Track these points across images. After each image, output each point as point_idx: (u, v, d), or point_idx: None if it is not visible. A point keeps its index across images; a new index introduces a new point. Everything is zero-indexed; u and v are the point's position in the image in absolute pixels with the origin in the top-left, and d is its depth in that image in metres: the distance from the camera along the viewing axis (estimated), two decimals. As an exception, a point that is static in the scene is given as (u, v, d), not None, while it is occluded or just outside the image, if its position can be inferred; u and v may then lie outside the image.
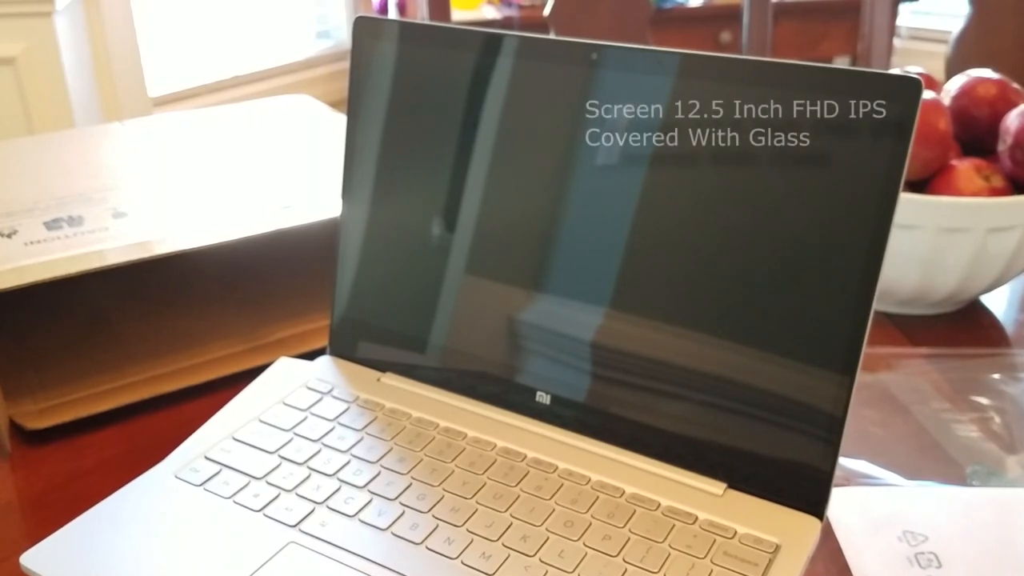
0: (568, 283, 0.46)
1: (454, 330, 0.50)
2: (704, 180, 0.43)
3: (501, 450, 0.46)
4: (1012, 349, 0.68)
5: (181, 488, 0.44)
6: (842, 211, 0.40)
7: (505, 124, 0.47)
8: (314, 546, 0.40)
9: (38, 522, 0.51)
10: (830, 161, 0.40)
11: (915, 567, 0.47)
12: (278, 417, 0.48)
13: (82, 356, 0.63)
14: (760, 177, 0.42)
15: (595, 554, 0.39)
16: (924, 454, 0.56)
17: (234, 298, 0.70)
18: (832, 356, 0.41)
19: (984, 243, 0.63)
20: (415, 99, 0.50)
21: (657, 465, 0.44)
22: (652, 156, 0.44)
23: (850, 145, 0.40)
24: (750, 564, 0.39)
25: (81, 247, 0.57)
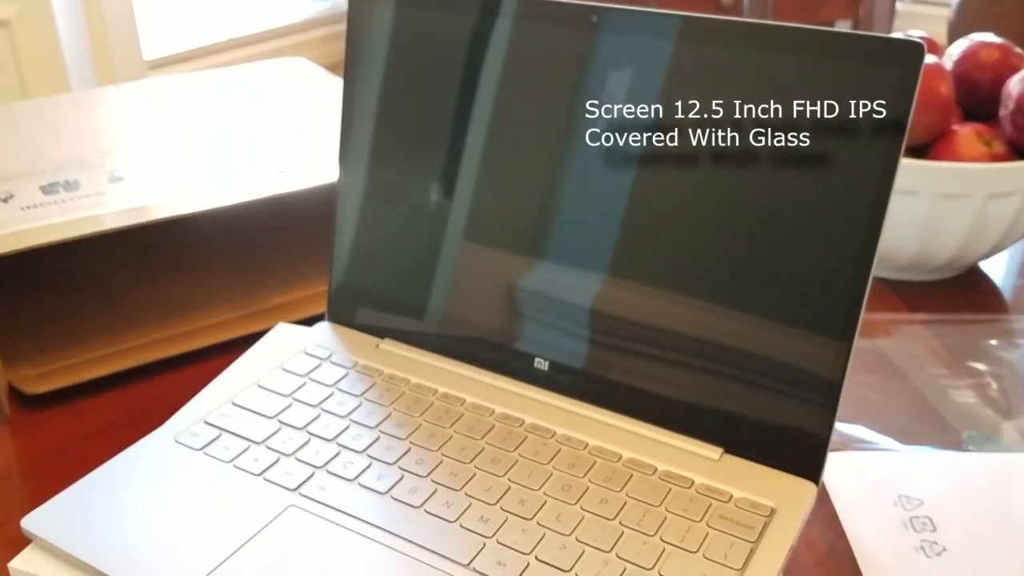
0: (567, 250, 0.46)
1: (453, 296, 0.50)
2: (704, 146, 0.43)
3: (499, 416, 0.46)
4: (1010, 315, 0.68)
5: (181, 452, 0.44)
6: (842, 176, 0.40)
7: (504, 87, 0.47)
8: (314, 509, 0.40)
9: (38, 486, 0.51)
10: (831, 128, 0.40)
11: (910, 531, 0.47)
12: (277, 382, 0.49)
13: (80, 321, 0.63)
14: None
15: (592, 517, 0.40)
16: (920, 419, 0.56)
17: (232, 264, 0.70)
18: (830, 322, 0.41)
19: (984, 209, 0.63)
20: (413, 62, 0.50)
21: (654, 430, 0.44)
22: (653, 121, 0.43)
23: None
24: (745, 527, 0.39)
25: (78, 212, 0.57)
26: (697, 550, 0.38)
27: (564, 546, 0.38)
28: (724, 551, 0.38)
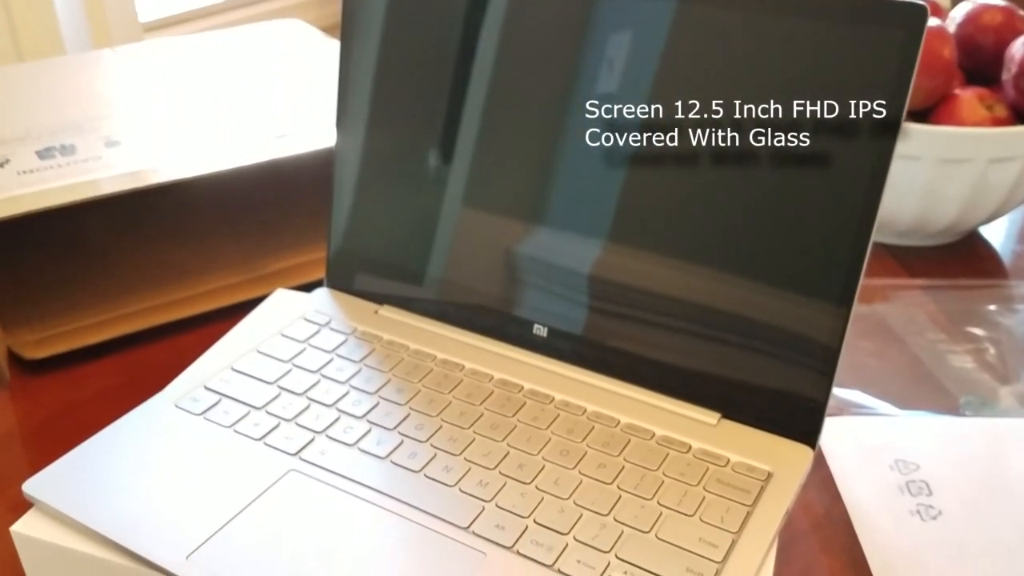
0: (566, 215, 0.46)
1: (452, 262, 0.50)
2: (705, 111, 0.42)
3: (498, 381, 0.46)
4: (1009, 280, 0.68)
5: (181, 417, 0.44)
6: (843, 141, 0.40)
7: (503, 50, 0.46)
8: (314, 474, 0.40)
9: (39, 451, 0.52)
10: (833, 92, 0.40)
11: (906, 495, 0.47)
12: (276, 348, 0.49)
13: (78, 287, 0.63)
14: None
15: (590, 482, 0.40)
16: (918, 385, 0.56)
17: (230, 229, 0.69)
18: (829, 287, 0.41)
19: (985, 174, 0.63)
20: (411, 24, 0.49)
21: (652, 396, 0.45)
22: (654, 83, 0.43)
23: (853, 72, 0.39)
24: (742, 491, 0.40)
25: (74, 177, 0.56)
26: (694, 513, 0.38)
27: (562, 510, 0.39)
28: (721, 514, 0.38)
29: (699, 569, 0.36)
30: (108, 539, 0.37)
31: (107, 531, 0.37)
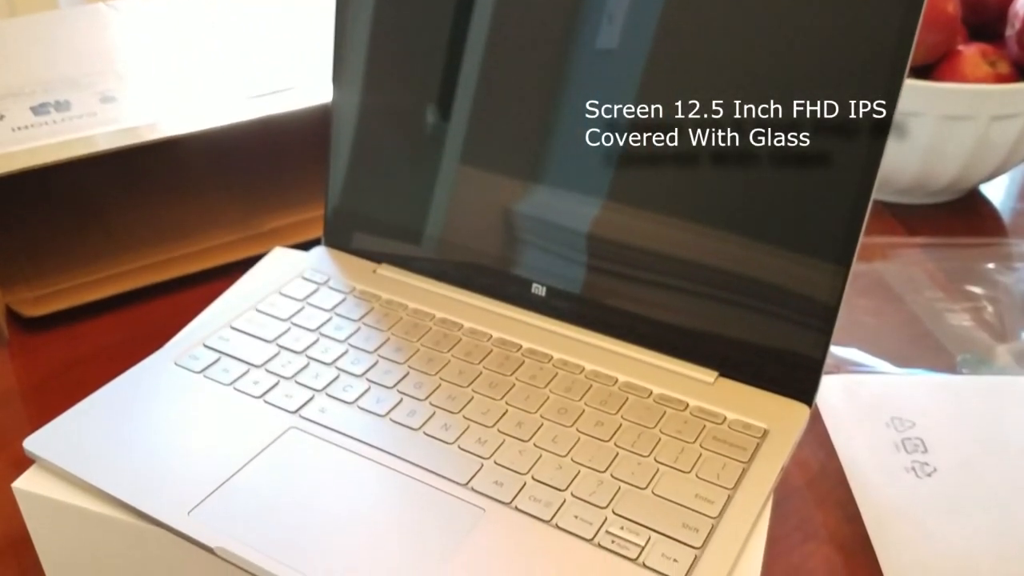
0: (565, 173, 0.46)
1: (450, 221, 0.49)
2: (704, 60, 0.42)
3: (497, 341, 0.46)
4: (1008, 239, 0.68)
5: (181, 375, 0.44)
6: (845, 94, 0.39)
7: (503, 3, 0.46)
8: (314, 431, 0.41)
9: (39, 408, 0.52)
10: (834, 45, 0.39)
11: (901, 452, 0.48)
12: (275, 307, 0.49)
13: (76, 245, 0.63)
14: (761, 53, 0.41)
15: (587, 439, 0.40)
16: (915, 343, 0.57)
17: (227, 187, 0.69)
18: (829, 245, 0.40)
19: (987, 131, 0.62)
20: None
21: (650, 355, 0.45)
22: (654, 37, 0.42)
23: (857, 26, 0.39)
24: (738, 448, 0.40)
25: (69, 133, 0.56)
26: (690, 470, 0.39)
27: (560, 466, 0.39)
28: (717, 471, 0.39)
29: (695, 524, 0.36)
30: (109, 495, 0.37)
31: (108, 487, 0.38)
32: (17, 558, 0.43)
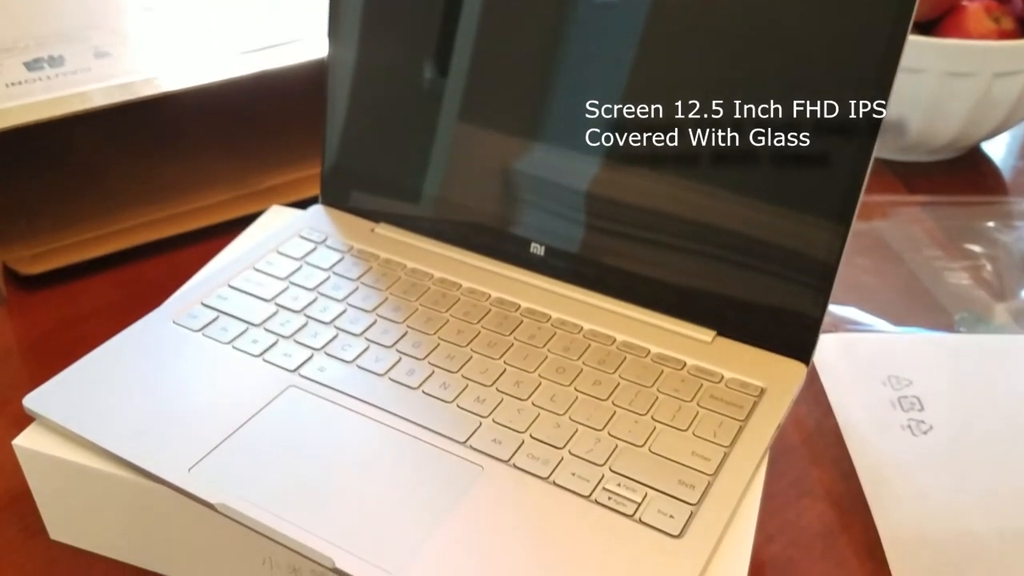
0: (564, 131, 0.45)
1: (448, 180, 0.49)
2: (705, 18, 0.41)
3: (495, 300, 0.46)
4: (1009, 197, 0.68)
5: (180, 333, 0.44)
6: (847, 41, 0.39)
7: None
8: (314, 390, 0.41)
9: (38, 366, 0.52)
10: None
11: (897, 410, 0.48)
12: (273, 266, 0.48)
13: (73, 203, 0.62)
14: (762, 11, 0.40)
15: (585, 398, 0.40)
16: (914, 301, 0.57)
17: (223, 144, 0.69)
18: (829, 204, 0.40)
19: (989, 88, 0.62)
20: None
21: (649, 314, 0.45)
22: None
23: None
24: (735, 406, 0.40)
25: (64, 89, 0.55)
26: (687, 428, 0.39)
27: (558, 425, 0.39)
28: (713, 429, 0.39)
29: (691, 481, 0.37)
30: (109, 452, 0.38)
31: (109, 444, 0.38)
32: (18, 514, 0.43)
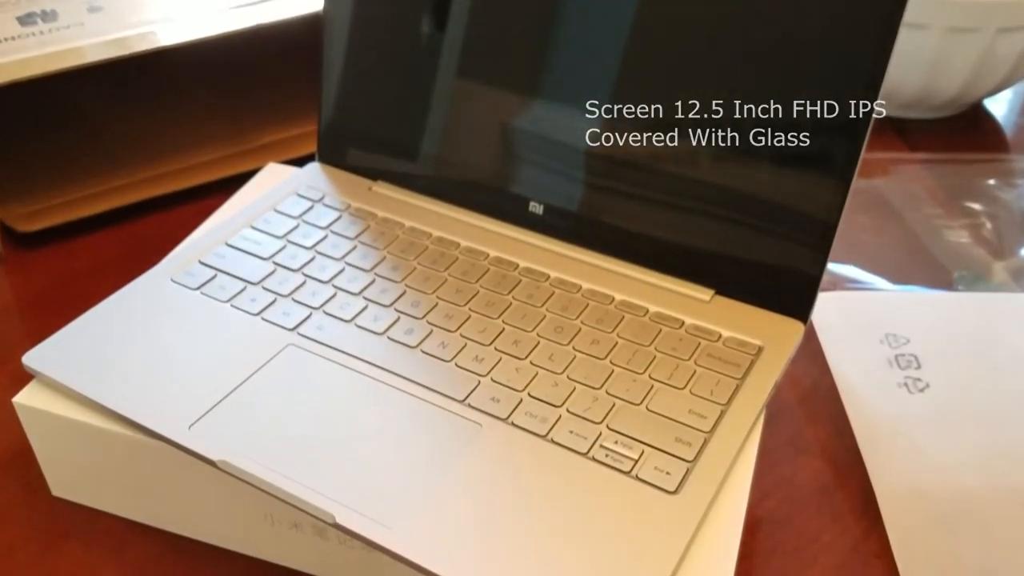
0: (563, 87, 0.45)
1: (447, 137, 0.49)
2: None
3: (494, 259, 0.46)
4: (1010, 155, 0.68)
5: (178, 291, 0.44)
6: (848, 4, 0.38)
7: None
8: (313, 348, 0.41)
9: (37, 324, 0.52)
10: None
11: (894, 368, 0.48)
12: (270, 224, 0.48)
13: (68, 160, 0.62)
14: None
15: (583, 357, 0.41)
16: (913, 260, 0.57)
17: (219, 101, 0.68)
18: (829, 161, 0.40)
19: (992, 44, 0.61)
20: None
21: (647, 273, 0.45)
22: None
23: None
24: (732, 365, 0.40)
25: (57, 44, 0.55)
26: (684, 387, 0.39)
27: (556, 384, 0.39)
28: (710, 387, 0.39)
29: (688, 439, 0.37)
30: (110, 410, 0.38)
31: (108, 402, 0.38)
32: (20, 471, 0.44)
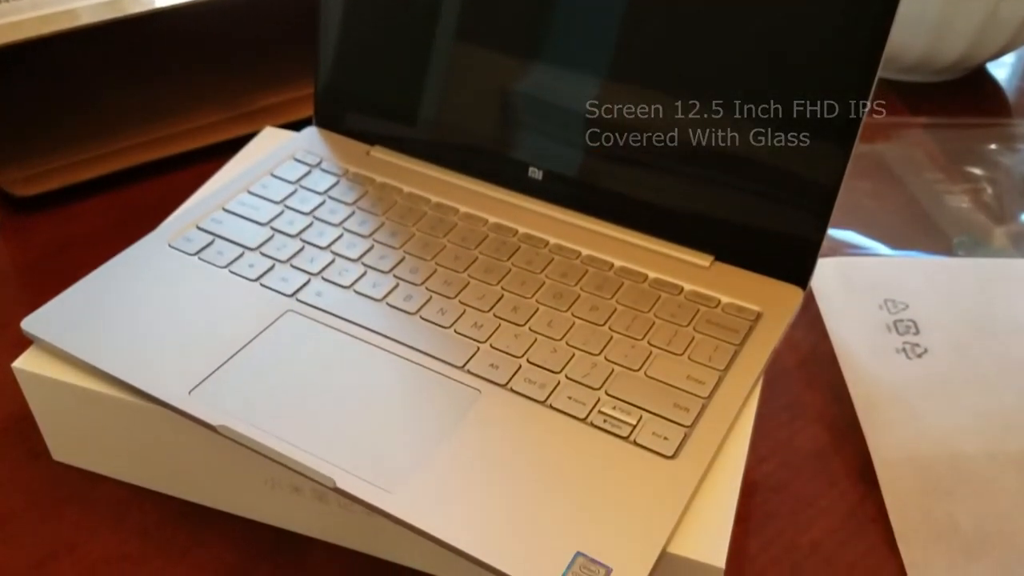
0: (563, 50, 0.44)
1: (445, 101, 0.48)
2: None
3: (493, 226, 0.46)
4: (1012, 119, 0.67)
5: (176, 256, 0.44)
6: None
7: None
8: (311, 314, 0.41)
9: (35, 289, 0.52)
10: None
11: (893, 334, 0.48)
12: (267, 189, 0.48)
13: (65, 124, 0.62)
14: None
15: (582, 324, 0.41)
16: (913, 225, 0.57)
17: (214, 64, 0.67)
18: (830, 124, 0.40)
19: (996, 7, 0.60)
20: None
21: (647, 239, 0.45)
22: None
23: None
24: (731, 331, 0.40)
25: (51, 6, 0.54)
26: (683, 353, 0.39)
27: (555, 350, 0.39)
28: (709, 353, 0.39)
29: (685, 404, 0.37)
30: (109, 375, 0.38)
31: (108, 367, 0.38)
32: (22, 435, 0.44)
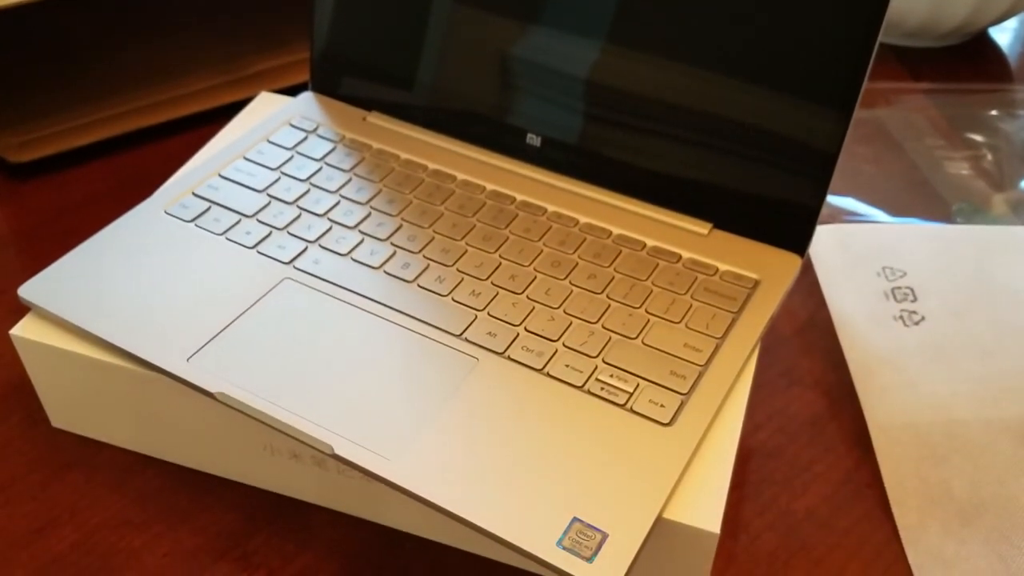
0: (562, 14, 0.44)
1: (443, 66, 0.48)
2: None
3: (490, 193, 0.46)
4: (1013, 85, 0.67)
5: (172, 223, 0.44)
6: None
7: None
8: (309, 282, 0.41)
9: (32, 256, 0.52)
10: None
11: (890, 301, 0.48)
12: (263, 155, 0.48)
13: (60, 90, 0.61)
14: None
15: (580, 292, 0.41)
16: (912, 192, 0.56)
17: (211, 28, 0.67)
18: (830, 90, 0.39)
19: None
20: None
21: (645, 207, 0.44)
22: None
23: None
24: (728, 299, 0.40)
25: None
26: (680, 321, 0.39)
27: (552, 318, 0.39)
28: (706, 321, 0.39)
29: (682, 372, 0.37)
30: (107, 342, 0.38)
31: (105, 334, 0.38)
32: (21, 402, 0.44)
